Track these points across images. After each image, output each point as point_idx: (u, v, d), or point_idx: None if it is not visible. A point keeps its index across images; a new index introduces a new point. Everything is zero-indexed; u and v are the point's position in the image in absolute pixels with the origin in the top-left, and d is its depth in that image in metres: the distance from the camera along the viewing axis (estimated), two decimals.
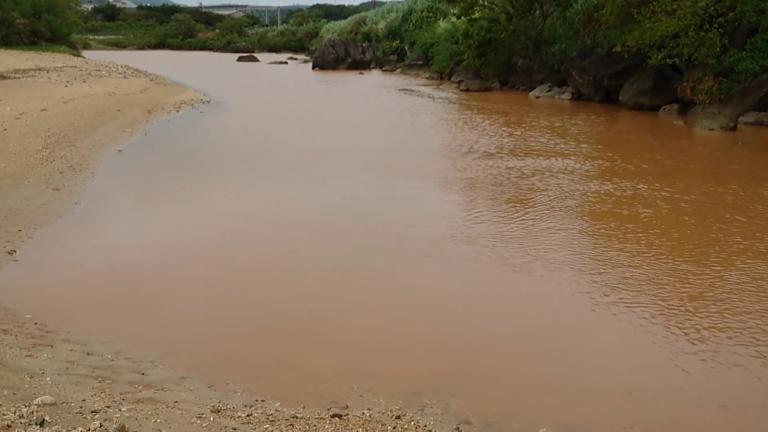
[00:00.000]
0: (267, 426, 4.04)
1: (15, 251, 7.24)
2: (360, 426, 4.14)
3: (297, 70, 46.84)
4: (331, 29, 61.76)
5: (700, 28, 18.16)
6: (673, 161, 13.13)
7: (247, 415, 4.17)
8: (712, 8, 18.26)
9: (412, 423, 4.22)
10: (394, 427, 4.15)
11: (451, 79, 32.12)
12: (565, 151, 14.02)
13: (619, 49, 20.33)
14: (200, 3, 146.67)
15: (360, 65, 45.25)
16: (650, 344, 5.37)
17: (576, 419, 4.35)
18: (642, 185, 10.73)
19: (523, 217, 9.01)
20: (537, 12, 28.09)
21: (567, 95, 24.92)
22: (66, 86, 22.31)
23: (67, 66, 32.08)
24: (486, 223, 8.70)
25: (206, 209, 9.53)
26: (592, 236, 8.32)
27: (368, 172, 12.03)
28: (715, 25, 18.03)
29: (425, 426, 4.19)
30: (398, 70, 41.70)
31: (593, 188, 10.61)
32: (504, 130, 17.00)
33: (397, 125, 18.26)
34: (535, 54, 27.90)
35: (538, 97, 25.87)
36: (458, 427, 4.21)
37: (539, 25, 28.20)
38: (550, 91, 26.00)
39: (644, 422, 4.32)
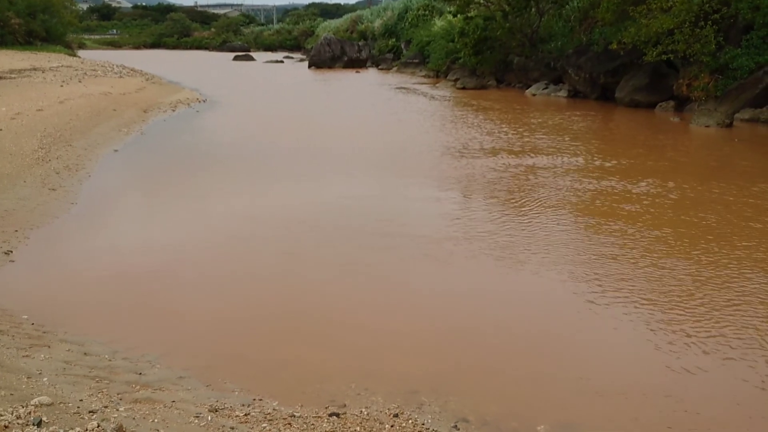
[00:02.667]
0: (265, 425, 4.04)
1: (11, 252, 7.23)
2: (358, 424, 4.14)
3: (293, 68, 46.82)
4: (327, 28, 61.77)
5: (695, 24, 18.19)
6: (670, 158, 13.15)
7: (245, 414, 4.17)
8: (707, 5, 18.29)
9: (410, 421, 4.22)
10: (391, 426, 4.15)
11: (448, 78, 32.10)
12: (563, 149, 14.03)
13: (614, 46, 20.36)
14: (196, 2, 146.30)
15: (356, 64, 45.23)
16: (649, 343, 5.38)
17: (574, 417, 4.36)
18: (641, 182, 10.73)
19: (522, 216, 9.02)
20: (533, 9, 28.09)
21: (563, 93, 24.92)
22: (62, 86, 22.28)
23: (62, 66, 32.05)
24: (484, 222, 8.70)
25: (203, 209, 9.52)
26: (591, 234, 8.33)
27: (365, 170, 12.03)
28: (710, 21, 18.06)
29: (423, 424, 4.20)
30: (394, 69, 41.71)
31: (591, 186, 10.61)
32: (501, 129, 17.00)
33: (393, 124, 18.26)
34: (531, 52, 27.89)
35: (534, 95, 25.87)
36: (456, 425, 4.21)
37: (535, 23, 28.20)
38: (546, 88, 26.00)
39: (642, 421, 4.33)
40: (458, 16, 30.10)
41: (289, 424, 4.08)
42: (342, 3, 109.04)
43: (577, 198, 9.90)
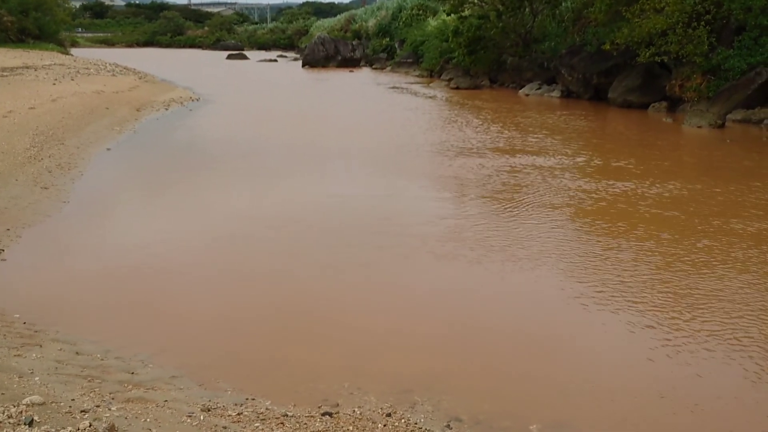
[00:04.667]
0: (257, 424, 4.04)
1: (3, 250, 7.19)
2: (350, 424, 4.14)
3: (287, 67, 46.76)
4: (321, 27, 61.70)
5: (688, 25, 18.26)
6: (663, 159, 13.18)
7: (238, 414, 4.17)
8: (700, 6, 18.37)
9: (403, 420, 4.22)
10: (384, 425, 4.16)
11: (441, 77, 32.12)
12: (556, 149, 14.05)
13: (608, 46, 20.41)
14: (189, 0, 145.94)
15: (350, 63, 45.20)
16: (641, 343, 5.40)
17: (566, 416, 4.37)
18: (633, 183, 10.76)
19: (515, 216, 9.03)
20: (527, 9, 28.13)
21: (556, 93, 24.96)
22: (54, 84, 22.20)
23: (55, 64, 31.93)
24: (477, 222, 8.71)
25: (196, 208, 9.50)
26: (583, 235, 8.35)
27: (358, 169, 12.04)
28: (703, 22, 18.13)
29: (416, 423, 4.20)
30: (388, 68, 41.69)
31: (585, 186, 10.63)
32: (495, 128, 17.02)
33: (387, 123, 18.25)
34: (525, 52, 27.93)
35: (527, 95, 25.91)
36: (449, 424, 4.22)
37: (529, 23, 28.24)
38: (539, 89, 26.04)
39: (633, 419, 4.34)
40: (452, 15, 30.12)
41: (282, 423, 4.08)
42: (336, 2, 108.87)
43: (570, 199, 9.91)
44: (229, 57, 57.10)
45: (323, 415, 4.24)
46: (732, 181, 10.87)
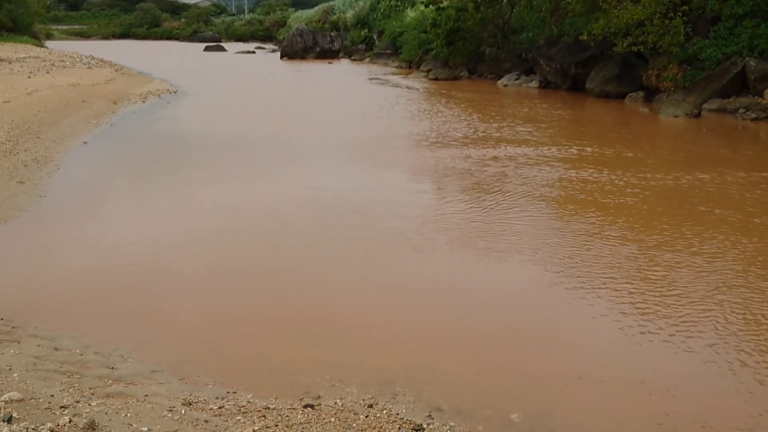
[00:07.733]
0: (239, 418, 4.04)
1: None
2: (332, 415, 4.15)
3: (265, 59, 46.50)
4: (299, 18, 61.33)
5: (665, 16, 18.41)
6: (639, 148, 13.28)
7: (219, 408, 4.16)
8: None
9: (384, 411, 4.24)
10: (366, 416, 4.17)
11: (420, 68, 32.09)
12: (534, 139, 14.11)
13: (585, 37, 20.51)
14: None
15: (328, 54, 45.04)
16: (623, 334, 5.45)
17: (547, 406, 4.41)
18: (610, 172, 10.83)
19: (496, 207, 9.06)
20: (504, 1, 28.18)
21: (535, 83, 25.04)
22: (29, 77, 21.92)
23: (29, 57, 31.49)
24: (459, 214, 8.72)
25: (175, 201, 9.45)
26: (563, 224, 8.40)
27: (338, 162, 12.02)
28: (680, 13, 18.28)
29: (397, 414, 4.22)
30: (367, 59, 41.59)
31: (563, 175, 10.67)
32: (474, 119, 17.05)
33: (367, 114, 18.23)
34: (503, 42, 27.99)
35: (506, 86, 25.97)
36: (430, 414, 4.24)
37: (506, 14, 28.30)
38: (518, 79, 26.11)
39: (615, 409, 4.39)
40: (430, 6, 30.12)
41: (264, 416, 4.08)
42: None
43: (550, 189, 9.95)
44: (207, 49, 56.56)
45: (305, 407, 4.24)
46: (710, 169, 10.99)
